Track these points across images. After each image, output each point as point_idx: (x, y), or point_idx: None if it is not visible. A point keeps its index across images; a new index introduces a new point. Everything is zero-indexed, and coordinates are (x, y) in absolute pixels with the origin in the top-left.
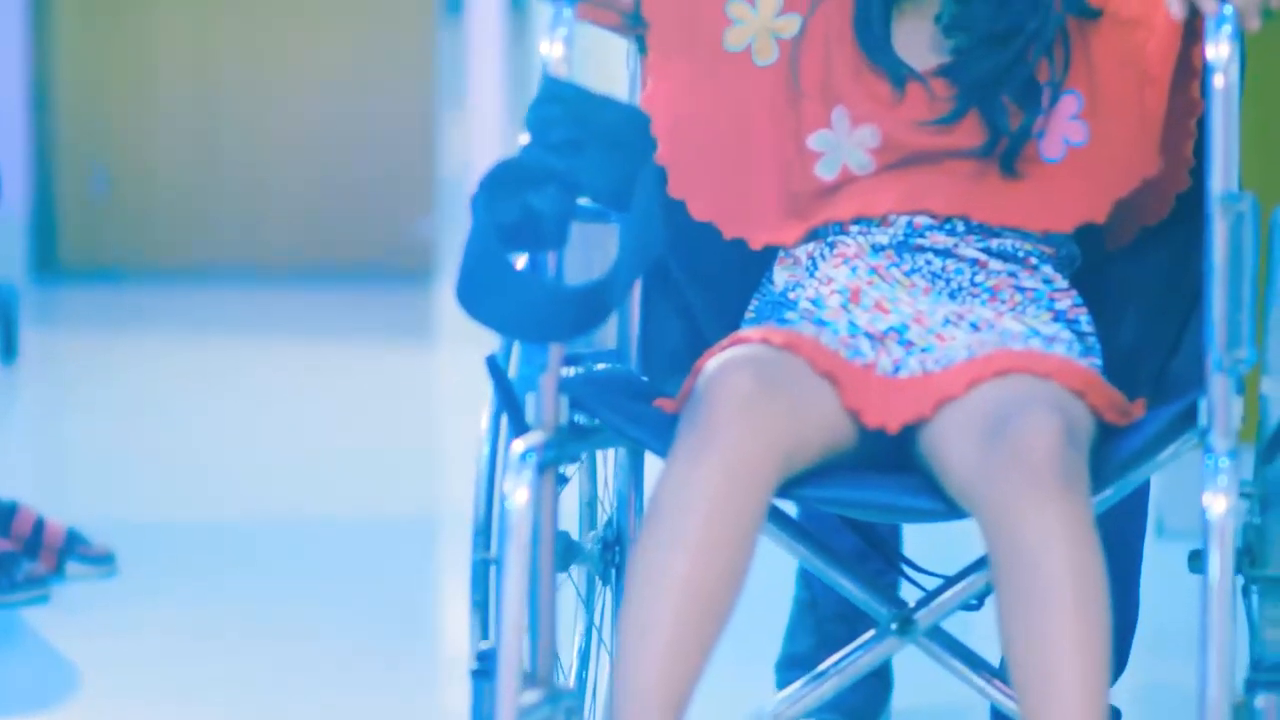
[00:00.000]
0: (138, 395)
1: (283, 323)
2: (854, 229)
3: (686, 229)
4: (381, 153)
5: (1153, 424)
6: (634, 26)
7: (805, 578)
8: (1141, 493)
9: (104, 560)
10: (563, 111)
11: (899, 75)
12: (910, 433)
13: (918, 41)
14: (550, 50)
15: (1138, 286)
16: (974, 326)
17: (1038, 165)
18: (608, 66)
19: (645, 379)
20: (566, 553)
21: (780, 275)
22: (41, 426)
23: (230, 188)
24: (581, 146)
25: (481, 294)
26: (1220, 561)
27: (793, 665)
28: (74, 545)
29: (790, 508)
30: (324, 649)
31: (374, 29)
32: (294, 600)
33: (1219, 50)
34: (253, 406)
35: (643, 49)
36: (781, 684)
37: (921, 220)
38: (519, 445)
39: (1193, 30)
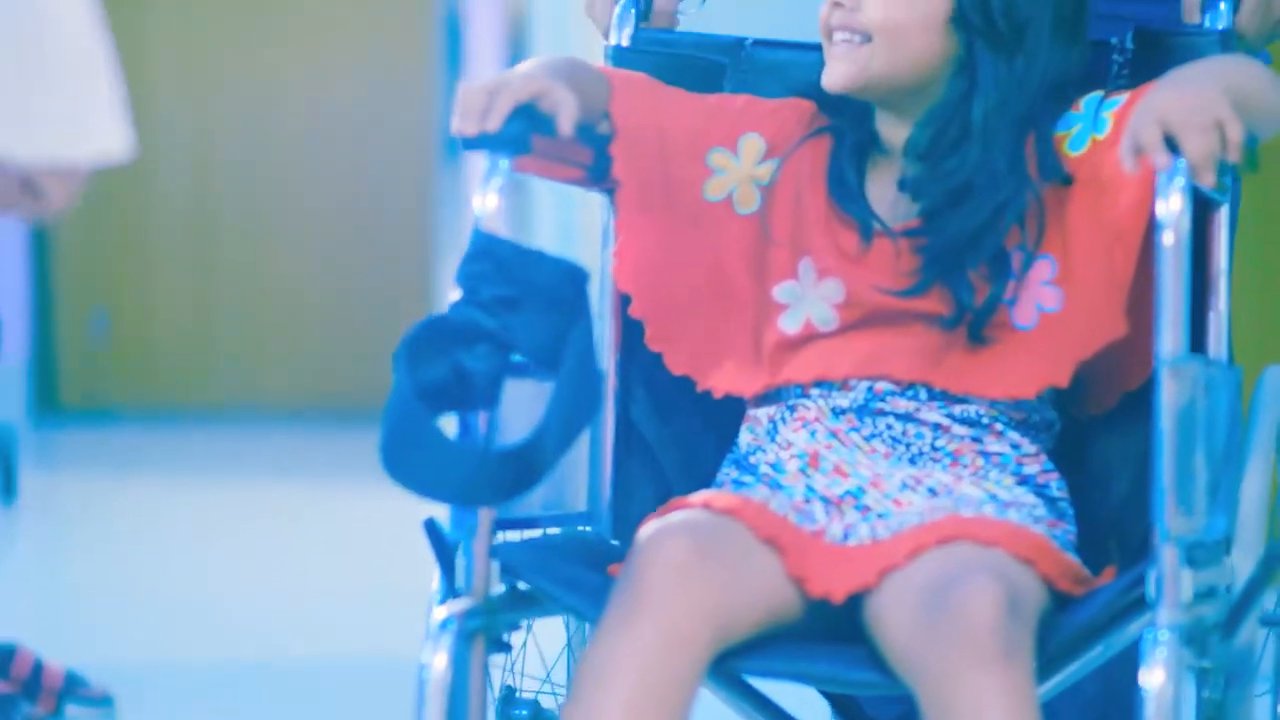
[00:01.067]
0: (137, 537)
1: (282, 464)
2: (815, 392)
3: (657, 388)
4: (381, 296)
5: (1105, 594)
6: (598, 183)
7: None
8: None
9: (103, 703)
10: (494, 268)
11: (868, 228)
12: (858, 602)
13: (892, 194)
14: (482, 204)
15: (1121, 452)
16: (931, 491)
17: (1009, 332)
18: None
19: (616, 542)
20: None
21: (744, 438)
22: (40, 568)
23: (228, 330)
24: (515, 304)
25: (403, 457)
26: None
27: None
28: (73, 687)
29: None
30: None
31: (373, 173)
32: None
33: (1169, 205)
34: (252, 549)
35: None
36: None
37: (882, 386)
38: (440, 612)
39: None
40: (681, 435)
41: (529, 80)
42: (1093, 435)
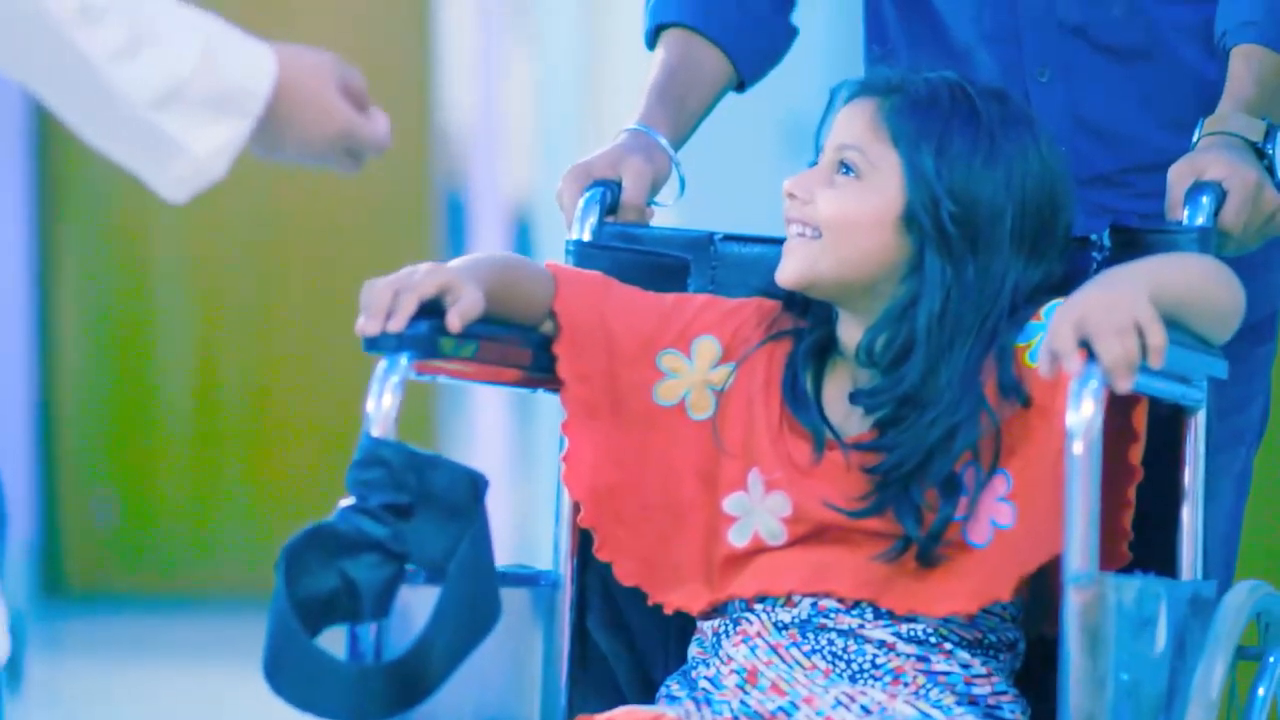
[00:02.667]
0: None
1: None
2: (758, 607)
3: (613, 598)
4: None
5: None
6: (542, 383)
7: None
8: None
9: None
10: (384, 475)
11: (820, 438)
12: None
13: (846, 403)
14: (375, 406)
15: None
16: (865, 710)
17: (963, 550)
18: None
19: None
20: None
21: (692, 650)
22: None
23: (234, 517)
24: (408, 511)
25: (282, 671)
26: None
27: None
28: None
29: None
30: None
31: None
32: None
33: (1080, 413)
34: None
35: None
36: None
37: (827, 603)
38: None
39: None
40: (636, 646)
41: (434, 276)
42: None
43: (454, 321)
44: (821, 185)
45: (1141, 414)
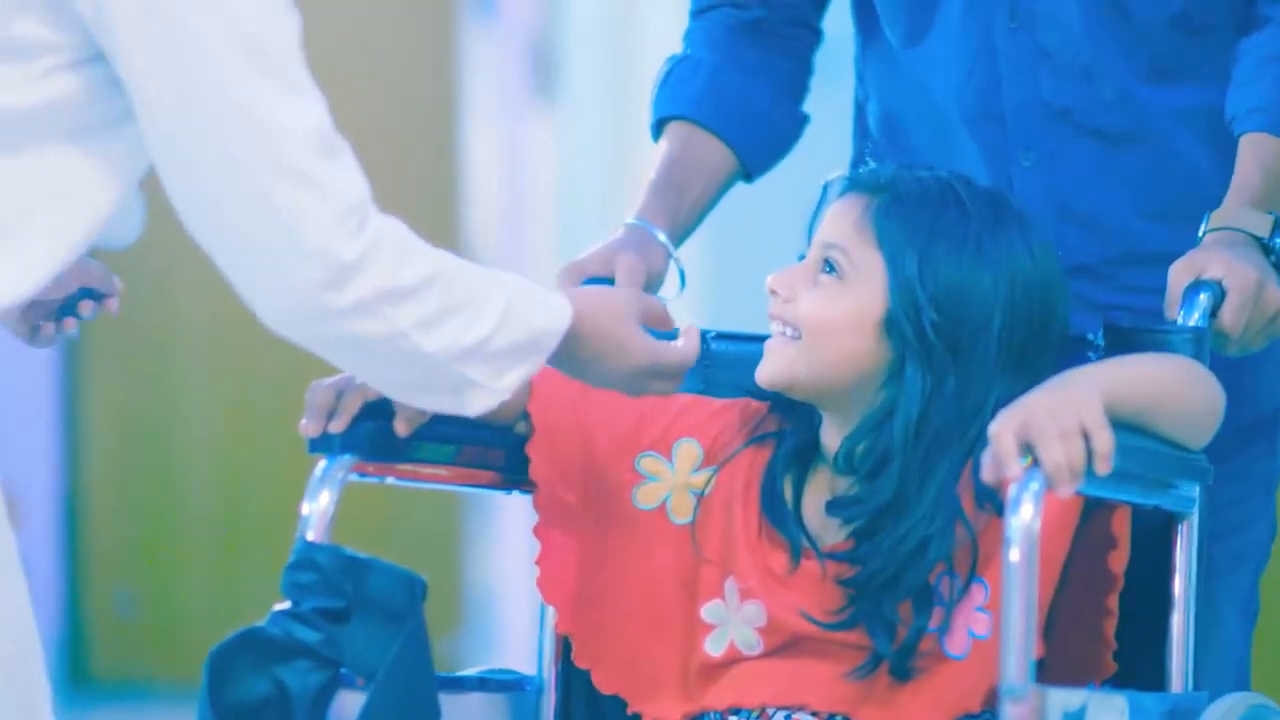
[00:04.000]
0: None
1: None
2: (733, 719)
3: (599, 703)
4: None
5: None
6: (514, 485)
7: None
8: None
9: None
10: (318, 579)
11: (796, 547)
12: None
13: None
14: (310, 508)
15: None
16: None
17: (940, 662)
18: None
19: None
20: None
21: None
22: None
23: (256, 609)
24: (344, 616)
25: None
26: None
27: None
28: None
29: None
30: None
31: None
32: None
33: (1020, 518)
34: None
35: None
36: None
37: (800, 716)
38: None
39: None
40: None
41: None
42: None
43: (400, 426)
44: (804, 284)
45: (1122, 520)
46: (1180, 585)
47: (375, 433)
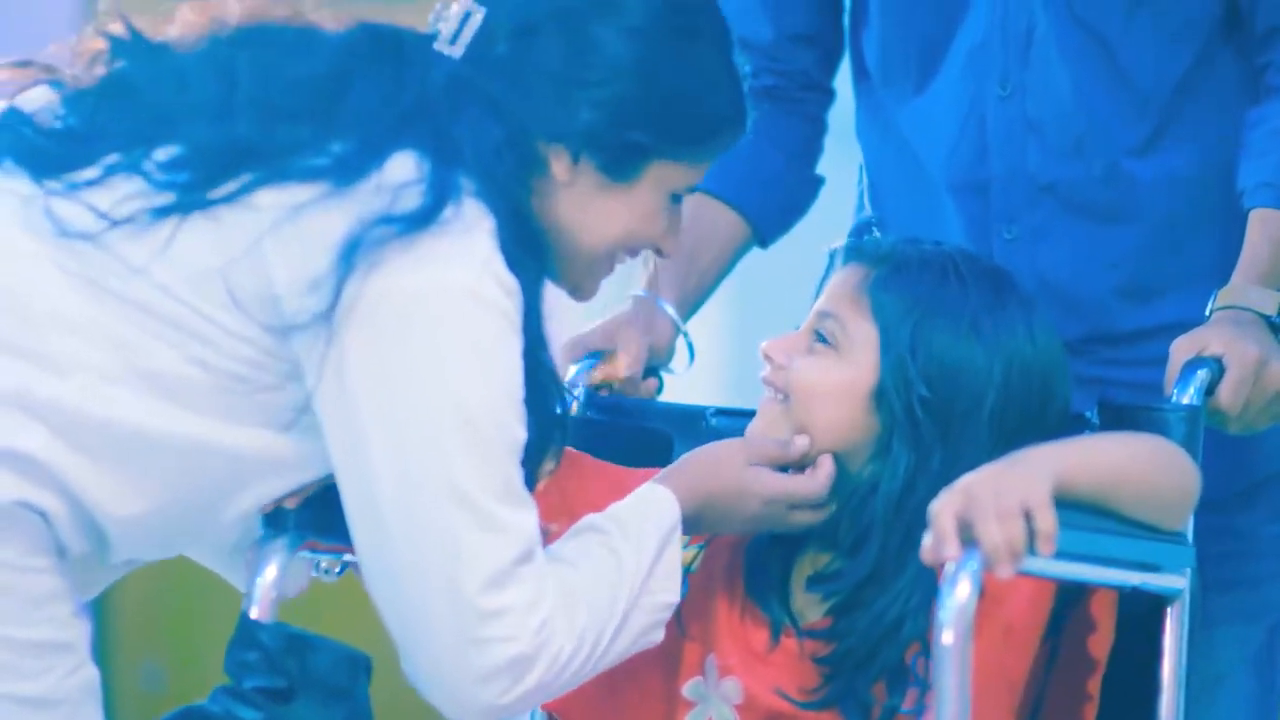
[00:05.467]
0: None
1: None
2: None
3: None
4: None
5: None
6: None
7: None
8: None
9: None
10: (260, 658)
11: (777, 625)
12: None
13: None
14: (254, 584)
15: None
16: None
17: None
18: None
19: None
20: None
21: None
22: None
23: None
24: (287, 695)
25: None
26: None
27: None
28: None
29: None
30: None
31: None
32: None
33: (955, 598)
34: None
35: None
36: None
37: None
38: None
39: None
40: None
41: None
42: None
43: None
44: (799, 351)
45: (1102, 603)
46: (1169, 668)
47: (329, 511)
